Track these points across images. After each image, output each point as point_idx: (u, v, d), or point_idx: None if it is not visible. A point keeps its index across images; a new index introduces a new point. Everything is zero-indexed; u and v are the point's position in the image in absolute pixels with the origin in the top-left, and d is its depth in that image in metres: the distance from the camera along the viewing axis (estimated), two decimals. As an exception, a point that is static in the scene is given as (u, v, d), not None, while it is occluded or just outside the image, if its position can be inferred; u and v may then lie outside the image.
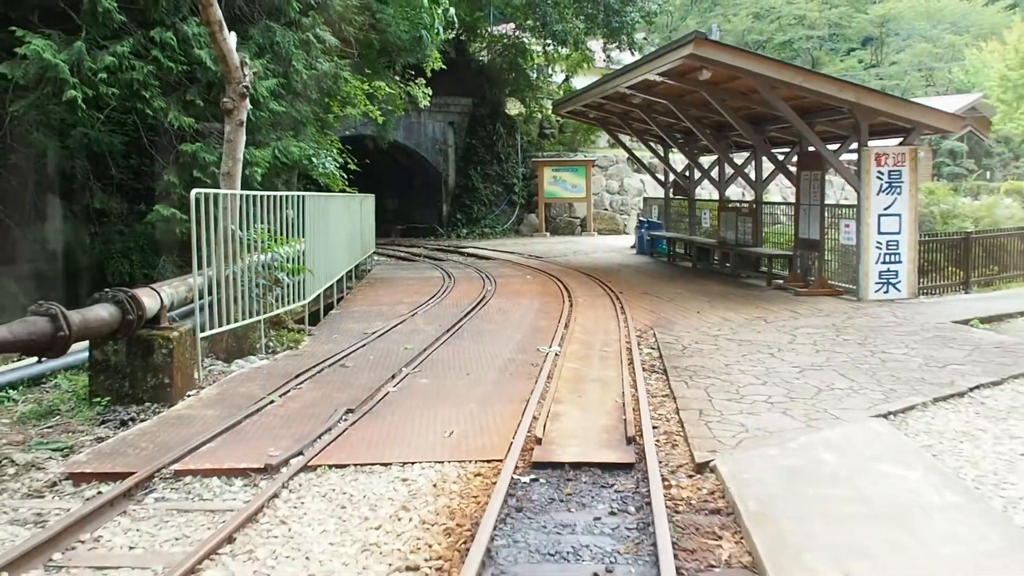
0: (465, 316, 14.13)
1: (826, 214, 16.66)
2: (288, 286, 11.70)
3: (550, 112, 35.78)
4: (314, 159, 17.26)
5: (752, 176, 20.71)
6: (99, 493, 6.15)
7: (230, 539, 5.32)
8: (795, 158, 18.92)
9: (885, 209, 15.27)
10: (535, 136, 37.54)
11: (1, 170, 14.62)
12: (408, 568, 4.96)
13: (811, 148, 16.65)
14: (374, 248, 23.87)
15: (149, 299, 8.41)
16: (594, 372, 9.84)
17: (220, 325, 9.77)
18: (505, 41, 36.34)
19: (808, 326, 12.77)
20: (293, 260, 11.78)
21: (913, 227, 15.46)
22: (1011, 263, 18.79)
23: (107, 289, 8.31)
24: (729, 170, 22.38)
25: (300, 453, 6.89)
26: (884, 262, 15.36)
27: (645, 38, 40.30)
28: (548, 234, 34.06)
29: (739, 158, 22.19)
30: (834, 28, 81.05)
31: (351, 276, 18.54)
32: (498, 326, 13.25)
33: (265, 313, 11.08)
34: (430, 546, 5.25)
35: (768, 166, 20.07)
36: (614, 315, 14.08)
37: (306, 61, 16.85)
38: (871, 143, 15.83)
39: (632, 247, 27.80)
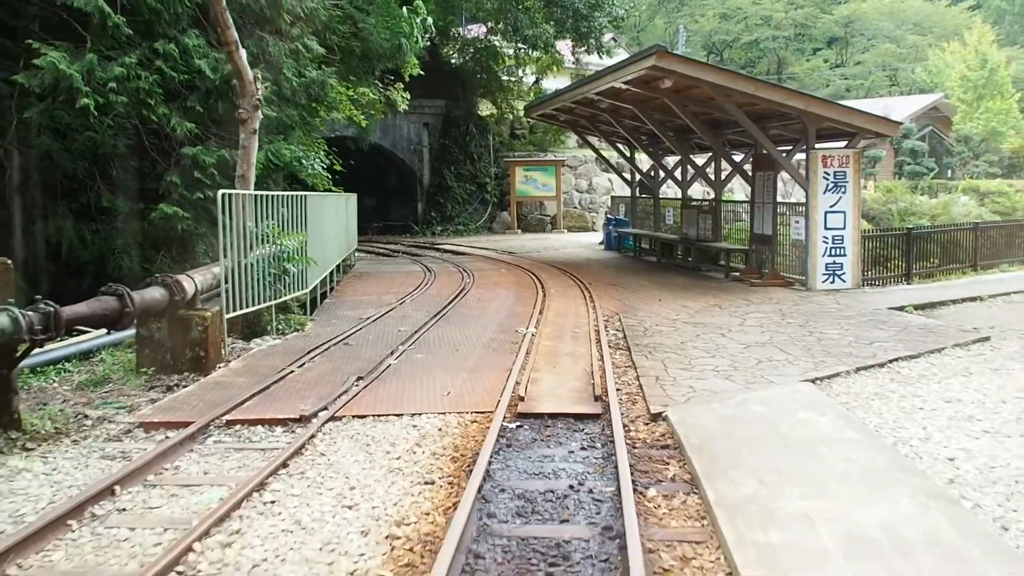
0: (449, 304, 15.73)
1: (778, 211, 18.38)
2: (293, 276, 13.21)
3: (521, 114, 37.40)
4: (303, 161, 18.67)
5: (712, 176, 22.41)
6: (167, 437, 7.68)
7: (284, 464, 6.90)
8: (751, 160, 20.60)
9: (831, 207, 16.99)
10: (506, 136, 39.15)
11: (6, 171, 15.91)
12: (426, 482, 6.55)
13: (765, 151, 18.35)
14: (356, 244, 25.34)
15: (188, 284, 9.96)
16: (567, 348, 11.46)
17: (240, 308, 11.30)
18: (477, 44, 37.85)
19: (758, 312, 14.46)
20: (298, 252, 13.26)
21: (856, 223, 17.20)
22: (952, 256, 20.62)
23: (156, 275, 9.86)
24: (691, 170, 24.08)
25: (325, 408, 8.46)
26: (830, 255, 17.07)
27: (613, 39, 41.89)
28: (520, 231, 35.71)
29: (701, 159, 23.89)
30: (800, 28, 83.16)
31: (339, 270, 20.00)
32: (479, 312, 14.85)
33: (276, 299, 12.62)
34: (441, 469, 6.84)
35: (727, 167, 21.80)
36: (584, 303, 15.72)
37: (295, 69, 18.25)
38: (819, 146, 17.54)
39: (600, 243, 29.52)
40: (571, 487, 6.46)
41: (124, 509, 6.10)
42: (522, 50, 36.99)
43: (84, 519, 5.90)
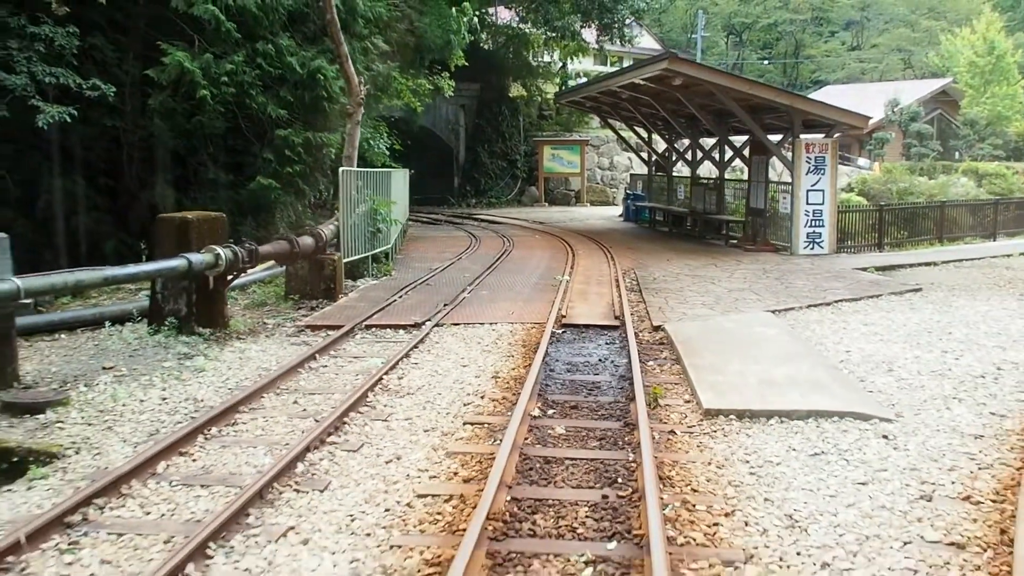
0: (497, 260, 19.69)
1: (770, 189, 22.19)
2: (383, 233, 17.15)
3: (549, 96, 41.32)
4: (371, 141, 22.50)
5: (717, 158, 26.22)
6: (328, 334, 11.60)
7: (416, 346, 10.86)
8: (749, 145, 24.40)
9: (812, 186, 20.76)
10: (535, 117, 42.99)
11: (123, 147, 19.60)
12: (508, 356, 10.50)
13: (759, 139, 22.14)
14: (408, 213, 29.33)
15: (323, 235, 13.92)
16: (593, 289, 15.40)
17: (352, 255, 15.27)
18: (510, 32, 41.60)
19: (745, 269, 18.32)
20: (387, 215, 17.19)
21: (833, 200, 21.00)
22: (921, 230, 24.37)
23: (306, 226, 13.80)
24: (700, 153, 27.89)
25: (429, 319, 12.41)
26: (811, 226, 20.86)
27: (636, 22, 45.42)
28: (547, 204, 39.65)
29: (709, 143, 27.68)
30: (817, 12, 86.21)
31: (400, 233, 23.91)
32: (523, 266, 18.82)
33: (372, 251, 16.59)
34: (516, 350, 10.79)
35: (730, 151, 25.61)
36: (606, 261, 19.63)
37: (365, 64, 22.03)
38: (805, 135, 21.30)
39: (620, 215, 33.52)
40: (599, 360, 10.41)
41: (326, 366, 10.09)
42: (552, 37, 40.71)
43: (305, 369, 9.87)
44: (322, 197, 23.82)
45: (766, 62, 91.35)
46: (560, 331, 11.99)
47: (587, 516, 5.85)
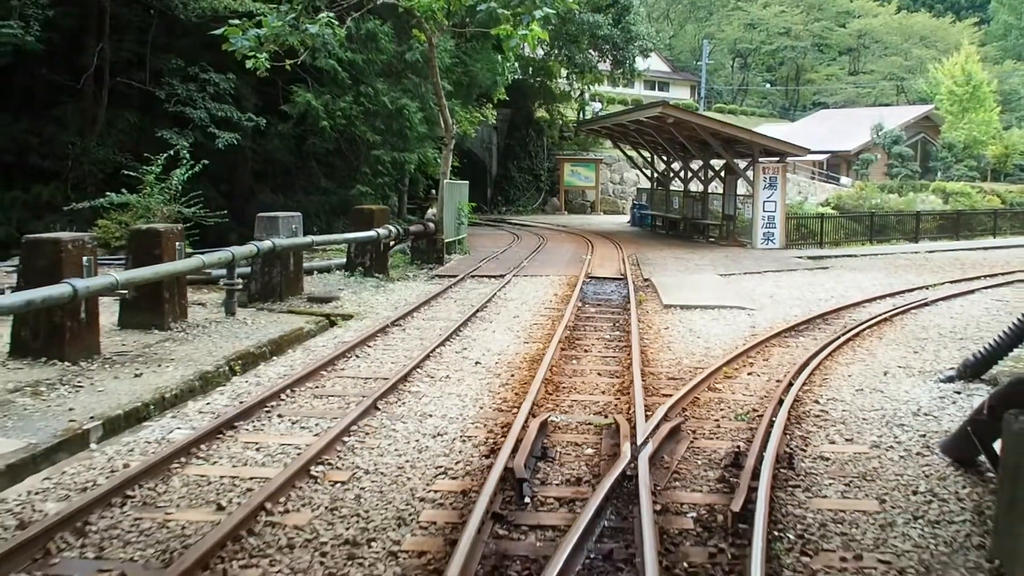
0: (538, 248, 28.45)
1: (737, 200, 30.91)
2: (464, 225, 25.84)
3: (569, 119, 50.19)
4: (438, 160, 31.10)
5: (702, 176, 34.98)
6: (451, 279, 20.21)
7: (506, 285, 19.56)
8: (724, 168, 33.10)
9: (767, 198, 29.43)
10: (557, 138, 51.92)
11: (248, 162, 27.80)
12: (560, 287, 19.22)
13: (730, 163, 30.85)
14: (458, 216, 38.08)
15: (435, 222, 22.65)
16: (607, 263, 24.11)
17: (448, 238, 23.95)
18: (536, 64, 50.34)
19: (713, 256, 27.00)
20: (467, 211, 25.89)
21: (783, 208, 29.70)
22: (856, 232, 33.02)
23: (417, 216, 22.48)
24: (690, 172, 36.63)
25: (509, 273, 21.06)
26: (766, 227, 29.51)
27: (645, 55, 54.20)
28: (566, 212, 48.56)
29: (697, 164, 36.43)
30: (817, 39, 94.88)
31: (459, 230, 32.60)
32: (557, 251, 27.60)
33: (458, 236, 25.30)
34: (565, 287, 19.50)
35: (712, 172, 34.38)
36: (616, 249, 28.36)
37: (434, 100, 30.58)
38: (763, 159, 29.97)
39: (628, 221, 42.61)
40: (611, 291, 19.11)
41: (459, 291, 18.79)
42: (572, 71, 49.47)
43: (450, 291, 18.54)
44: (390, 202, 32.42)
45: (769, 85, 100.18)
46: (588, 280, 20.67)
47: (606, 326, 14.60)
